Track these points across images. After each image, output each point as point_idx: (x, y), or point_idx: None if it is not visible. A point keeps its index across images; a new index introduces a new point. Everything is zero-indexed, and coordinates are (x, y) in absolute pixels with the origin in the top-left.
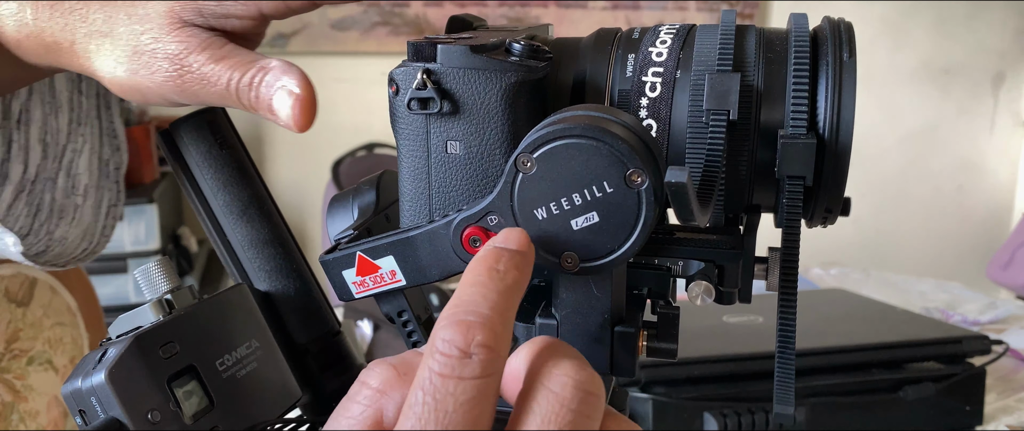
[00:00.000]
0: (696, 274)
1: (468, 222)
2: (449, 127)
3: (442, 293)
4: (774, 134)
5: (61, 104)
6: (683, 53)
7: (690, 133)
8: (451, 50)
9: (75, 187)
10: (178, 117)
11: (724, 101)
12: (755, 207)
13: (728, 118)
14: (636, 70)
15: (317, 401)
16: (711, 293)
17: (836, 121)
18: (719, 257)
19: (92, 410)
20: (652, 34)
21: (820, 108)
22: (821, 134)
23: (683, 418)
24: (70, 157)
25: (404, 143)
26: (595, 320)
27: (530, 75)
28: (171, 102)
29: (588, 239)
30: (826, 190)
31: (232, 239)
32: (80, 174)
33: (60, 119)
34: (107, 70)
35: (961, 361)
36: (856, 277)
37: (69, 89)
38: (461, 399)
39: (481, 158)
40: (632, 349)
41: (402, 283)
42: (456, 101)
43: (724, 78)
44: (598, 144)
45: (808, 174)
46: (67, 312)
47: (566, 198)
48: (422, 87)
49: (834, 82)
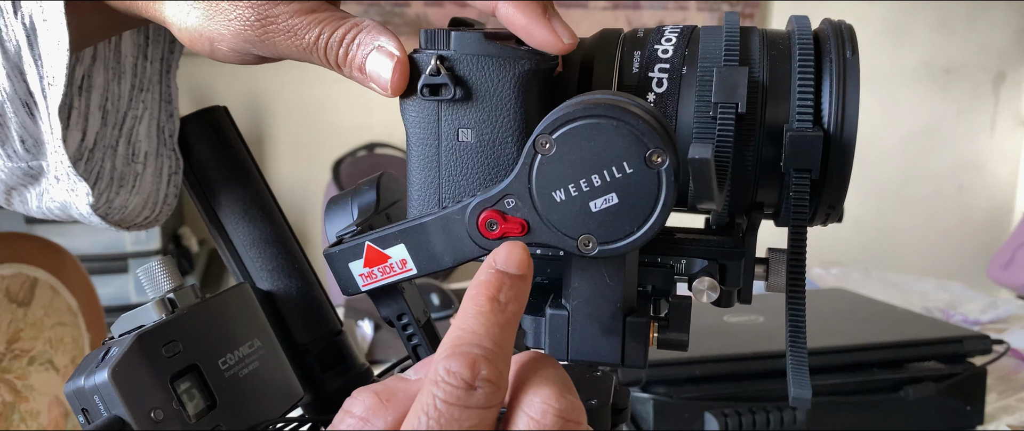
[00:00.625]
0: (699, 272)
1: (485, 205)
2: (461, 114)
3: (444, 293)
4: (779, 130)
5: (125, 70)
6: (688, 50)
7: (697, 128)
8: (465, 37)
9: (136, 154)
10: (179, 117)
11: (733, 94)
12: (758, 206)
13: (737, 111)
14: (642, 66)
15: (319, 400)
16: (716, 289)
17: (841, 117)
18: (721, 256)
19: (95, 409)
20: (657, 33)
21: (825, 104)
22: (826, 129)
23: (684, 418)
24: (131, 124)
25: (414, 131)
26: (607, 310)
27: (542, 64)
28: (241, 54)
29: (607, 221)
30: (831, 186)
31: (234, 238)
32: (140, 141)
33: (123, 85)
34: (178, 16)
35: (962, 361)
36: (857, 277)
37: (134, 54)
38: (465, 426)
39: (493, 146)
40: (644, 339)
41: (413, 272)
42: (469, 88)
43: (733, 71)
44: (619, 124)
45: (815, 168)
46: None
47: (585, 179)
48: (436, 73)
49: (838, 78)
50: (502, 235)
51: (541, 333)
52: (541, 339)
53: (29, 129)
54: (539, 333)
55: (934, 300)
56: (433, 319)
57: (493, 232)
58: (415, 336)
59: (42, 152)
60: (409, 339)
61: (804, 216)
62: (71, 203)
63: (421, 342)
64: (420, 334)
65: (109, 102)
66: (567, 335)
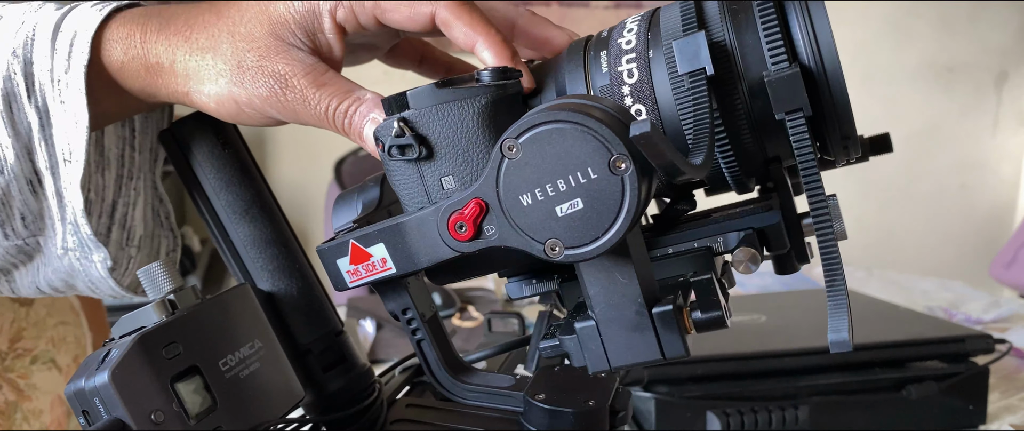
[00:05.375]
0: (738, 244)
1: (454, 209)
2: (438, 166)
3: (446, 293)
4: (762, 82)
5: (109, 161)
6: (651, 33)
7: (678, 103)
8: (418, 92)
9: (131, 239)
10: (180, 117)
11: (696, 60)
12: (775, 160)
13: (705, 75)
14: (610, 63)
15: (320, 401)
16: (757, 260)
17: (816, 48)
18: (755, 221)
19: (95, 410)
20: (619, 28)
21: (797, 40)
22: (806, 65)
23: (686, 417)
24: (123, 210)
25: (404, 193)
26: (630, 308)
27: (501, 92)
28: (265, 117)
29: (573, 226)
30: (831, 117)
31: (235, 239)
32: (135, 225)
33: (107, 176)
34: (207, 86)
35: (964, 360)
36: (859, 276)
37: (119, 146)
38: None
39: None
40: (675, 326)
41: (392, 271)
42: (434, 141)
43: (689, 40)
44: (583, 129)
45: (804, 104)
46: (70, 311)
47: (551, 184)
48: (401, 134)
49: (803, 10)
50: (471, 237)
51: (580, 350)
52: (581, 356)
53: (31, 206)
54: (578, 351)
55: (936, 299)
56: (438, 315)
57: (462, 234)
58: (420, 331)
59: (41, 228)
60: (413, 333)
61: (809, 156)
62: (82, 271)
63: (425, 337)
64: (424, 329)
65: (92, 192)
66: (602, 344)
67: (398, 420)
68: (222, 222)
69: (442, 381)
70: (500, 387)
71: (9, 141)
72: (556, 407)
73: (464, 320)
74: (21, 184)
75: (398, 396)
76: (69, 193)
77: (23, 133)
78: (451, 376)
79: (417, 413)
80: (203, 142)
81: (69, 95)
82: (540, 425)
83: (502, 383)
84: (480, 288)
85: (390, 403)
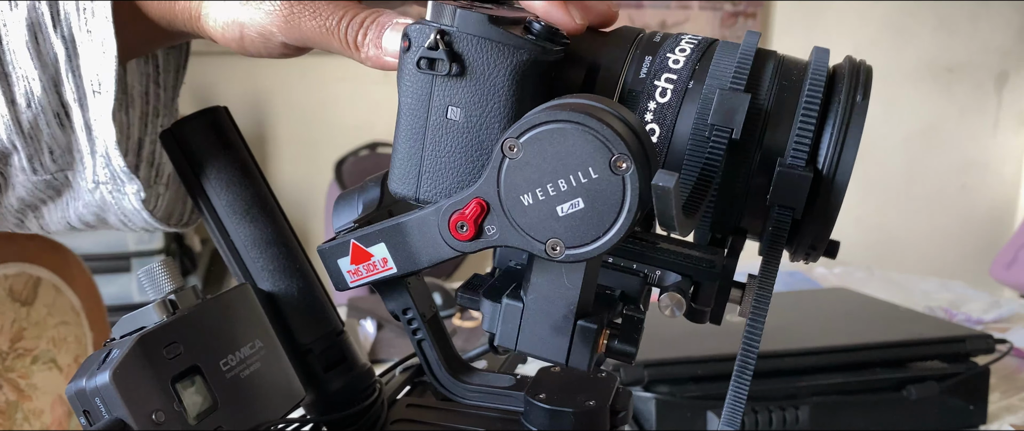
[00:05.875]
0: (671, 286)
1: (455, 208)
2: (453, 92)
3: (446, 292)
4: (774, 161)
5: (133, 98)
6: (700, 65)
7: (691, 145)
8: (470, 16)
9: (160, 176)
10: (181, 117)
11: (730, 119)
12: (742, 231)
13: (730, 136)
14: (650, 73)
15: (320, 401)
16: (682, 306)
17: (837, 159)
18: (697, 273)
19: (96, 410)
20: (673, 41)
21: (823, 144)
22: (819, 169)
23: (686, 417)
24: (150, 148)
25: (406, 101)
26: (560, 310)
27: (543, 56)
28: (267, 39)
29: (574, 226)
30: (814, 225)
31: (235, 239)
32: (165, 163)
33: (132, 114)
34: (214, 9)
35: (965, 360)
36: (859, 276)
37: (143, 83)
38: None
39: (479, 129)
40: (591, 344)
41: (393, 271)
42: (464, 66)
43: (734, 96)
44: (584, 129)
45: (798, 207)
46: (71, 311)
47: (552, 184)
48: (434, 47)
49: (842, 120)
50: (472, 237)
51: (496, 319)
52: (494, 324)
53: (58, 140)
54: (494, 319)
55: (937, 299)
56: (439, 315)
57: (463, 234)
58: (420, 331)
59: (70, 163)
60: (414, 333)
61: (778, 252)
62: (114, 204)
63: (426, 337)
64: (425, 329)
65: (117, 130)
66: (519, 327)
67: (399, 420)
68: (223, 222)
69: (443, 381)
70: (500, 387)
71: (36, 73)
72: (556, 407)
73: (464, 320)
74: (49, 117)
75: (399, 396)
76: (99, 125)
77: (49, 64)
78: (452, 376)
79: (418, 413)
80: (204, 142)
81: (95, 24)
82: (541, 425)
83: (502, 383)
84: None
85: (391, 403)
